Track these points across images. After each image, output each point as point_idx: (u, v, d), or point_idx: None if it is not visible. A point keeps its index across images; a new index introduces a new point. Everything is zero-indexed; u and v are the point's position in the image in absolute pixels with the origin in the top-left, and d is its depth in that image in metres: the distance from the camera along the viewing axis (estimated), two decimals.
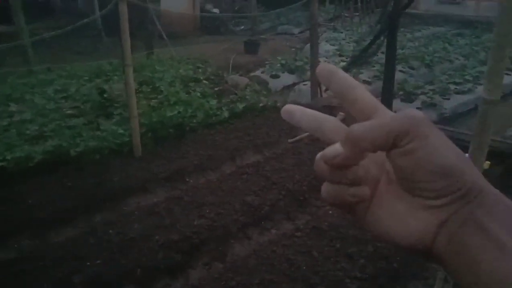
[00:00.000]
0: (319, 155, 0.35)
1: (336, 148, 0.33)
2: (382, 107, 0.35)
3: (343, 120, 0.37)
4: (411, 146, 0.31)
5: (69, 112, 4.74)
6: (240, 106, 5.21)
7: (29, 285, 2.51)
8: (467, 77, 6.69)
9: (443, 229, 0.32)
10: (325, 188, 0.35)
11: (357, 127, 0.32)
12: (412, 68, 7.31)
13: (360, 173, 0.33)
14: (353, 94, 0.36)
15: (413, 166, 0.31)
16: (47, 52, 7.59)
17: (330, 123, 0.36)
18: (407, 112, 0.32)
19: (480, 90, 5.53)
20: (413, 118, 0.31)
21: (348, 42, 9.31)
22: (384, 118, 0.33)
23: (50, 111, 4.68)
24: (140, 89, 5.20)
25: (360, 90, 0.36)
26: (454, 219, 0.31)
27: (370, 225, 0.36)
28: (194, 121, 4.68)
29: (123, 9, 3.57)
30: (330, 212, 3.21)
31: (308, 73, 6.26)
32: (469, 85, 6.30)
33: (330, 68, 0.37)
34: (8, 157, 3.64)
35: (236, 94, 5.66)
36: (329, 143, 0.35)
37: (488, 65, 1.46)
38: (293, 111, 0.38)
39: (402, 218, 0.33)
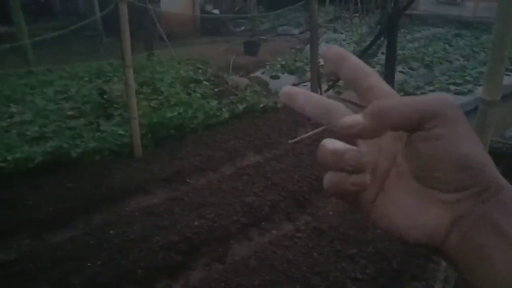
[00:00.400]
0: (325, 141, 0.33)
1: (356, 118, 0.30)
2: (397, 97, 0.33)
3: None
4: (436, 131, 0.29)
5: (69, 113, 4.74)
6: (241, 107, 5.21)
7: (29, 285, 2.51)
8: (467, 78, 6.70)
9: (457, 226, 0.30)
10: (327, 177, 0.33)
11: (384, 101, 0.30)
12: (412, 69, 7.32)
13: (363, 159, 0.31)
14: (367, 81, 0.33)
15: (435, 153, 0.29)
16: (47, 53, 7.60)
17: (340, 110, 0.33)
18: (437, 95, 0.30)
19: (480, 90, 5.53)
20: (443, 102, 0.30)
21: (348, 43, 9.31)
22: (412, 97, 0.31)
23: (50, 112, 4.68)
24: (140, 90, 5.20)
25: (375, 77, 0.33)
26: (469, 216, 0.29)
27: (377, 220, 0.34)
28: (195, 122, 4.68)
29: (123, 10, 3.57)
30: (331, 213, 3.21)
31: (308, 73, 6.26)
32: (469, 86, 6.30)
33: (341, 52, 0.33)
34: (9, 158, 3.64)
35: (236, 95, 5.66)
36: (336, 133, 0.33)
37: (487, 65, 1.46)
38: (295, 94, 0.34)
39: (413, 213, 0.32)
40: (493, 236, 0.28)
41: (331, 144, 0.32)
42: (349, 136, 0.31)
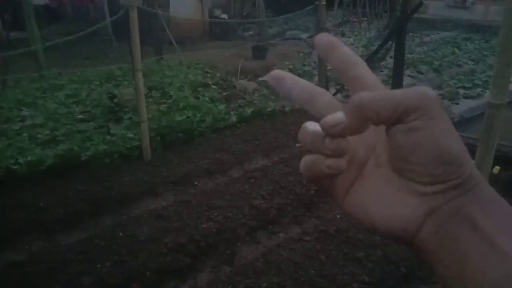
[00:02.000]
0: (307, 123, 0.33)
1: (338, 116, 0.30)
2: (383, 88, 0.33)
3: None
4: (417, 124, 0.29)
5: (79, 116, 4.80)
6: (248, 110, 5.24)
7: (40, 286, 2.54)
8: (476, 81, 6.66)
9: (431, 218, 0.30)
10: (304, 159, 0.34)
11: (364, 94, 0.29)
12: (421, 73, 7.29)
13: (343, 145, 0.31)
14: (354, 71, 0.34)
15: (414, 146, 0.29)
16: (59, 58, 7.71)
17: (324, 97, 0.34)
18: (419, 89, 0.30)
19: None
20: (425, 96, 0.29)
21: (357, 47, 9.32)
22: (393, 91, 0.30)
23: (61, 116, 4.75)
24: (149, 94, 5.26)
25: (362, 68, 0.34)
26: (444, 209, 0.29)
27: (350, 208, 0.34)
28: (203, 125, 4.72)
29: (133, 16, 3.62)
30: (338, 216, 3.21)
31: (316, 78, 6.27)
32: (479, 90, 6.26)
33: (331, 40, 0.34)
34: (20, 161, 3.70)
35: (244, 98, 5.69)
36: (318, 118, 0.33)
37: (494, 69, 1.47)
38: (283, 77, 0.35)
39: (388, 202, 0.32)
40: (469, 231, 0.28)
41: (313, 125, 0.32)
42: (335, 135, 0.31)
